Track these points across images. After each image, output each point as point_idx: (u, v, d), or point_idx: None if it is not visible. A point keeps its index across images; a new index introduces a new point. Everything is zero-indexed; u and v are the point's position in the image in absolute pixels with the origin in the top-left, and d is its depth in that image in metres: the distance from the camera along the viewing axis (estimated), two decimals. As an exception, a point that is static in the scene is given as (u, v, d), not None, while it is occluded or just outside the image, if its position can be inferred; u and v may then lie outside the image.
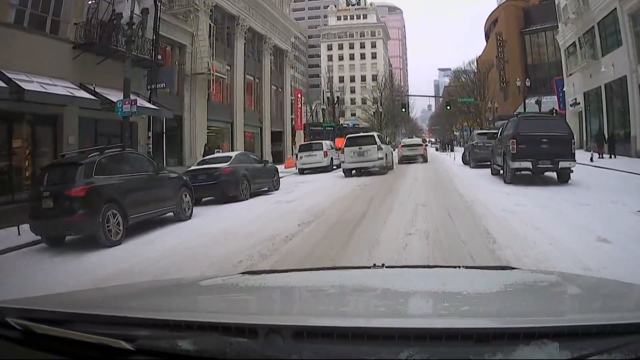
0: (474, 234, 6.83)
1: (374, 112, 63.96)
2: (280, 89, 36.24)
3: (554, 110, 39.38)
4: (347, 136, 21.34)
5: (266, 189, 16.09)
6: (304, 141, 42.47)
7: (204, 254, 6.92)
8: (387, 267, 2.13)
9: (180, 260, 6.73)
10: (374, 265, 2.13)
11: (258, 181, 15.33)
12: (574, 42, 35.11)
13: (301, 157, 24.02)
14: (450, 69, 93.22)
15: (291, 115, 38.57)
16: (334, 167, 25.95)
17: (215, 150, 20.99)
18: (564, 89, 37.86)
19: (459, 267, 2.16)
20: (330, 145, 25.59)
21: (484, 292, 1.59)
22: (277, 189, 16.47)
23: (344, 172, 20.04)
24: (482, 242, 6.25)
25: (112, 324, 1.20)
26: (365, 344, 1.03)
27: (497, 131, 19.93)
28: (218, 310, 1.56)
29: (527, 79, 38.55)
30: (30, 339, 1.17)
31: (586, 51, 32.41)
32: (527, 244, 5.99)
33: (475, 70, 60.41)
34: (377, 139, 19.82)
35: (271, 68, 34.81)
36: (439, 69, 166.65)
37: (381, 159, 19.24)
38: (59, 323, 1.19)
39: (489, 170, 17.06)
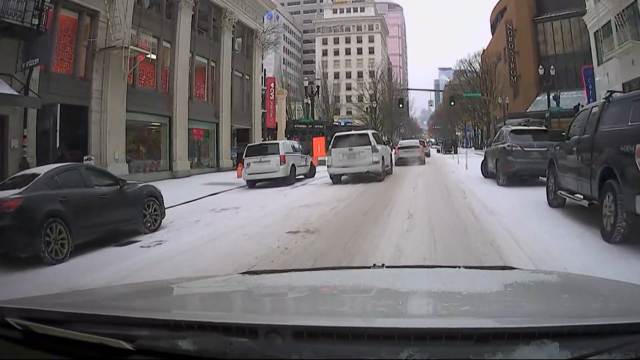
0: None
1: (367, 108, 55.41)
2: (247, 77, 28.20)
3: (580, 107, 31.47)
4: (335, 134, 16.95)
5: (134, 227, 8.36)
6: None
7: None
8: (387, 267, 2.07)
9: None
10: (374, 265, 2.02)
11: (98, 221, 7.50)
12: (609, 22, 27.82)
13: (249, 165, 16.21)
14: (451, 69, 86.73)
15: (263, 109, 30.69)
16: (301, 176, 18.23)
17: (85, 159, 13.25)
18: (595, 80, 29.78)
19: (459, 267, 2.07)
20: (293, 147, 17.66)
21: (484, 292, 1.55)
22: (156, 229, 8.66)
23: (330, 178, 15.69)
24: None
25: (112, 324, 1.14)
26: (365, 344, 0.99)
27: (539, 126, 12.29)
28: (218, 310, 1.49)
29: (552, 67, 30.53)
30: (30, 339, 1.12)
31: (627, 31, 25.20)
32: None
33: (482, 63, 52.40)
34: (372, 139, 15.57)
35: (234, 50, 26.90)
36: (440, 69, 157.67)
37: (376, 162, 15.11)
38: (59, 323, 1.13)
39: (535, 193, 9.35)
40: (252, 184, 16.52)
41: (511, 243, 5.74)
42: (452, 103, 40.56)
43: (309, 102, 33.74)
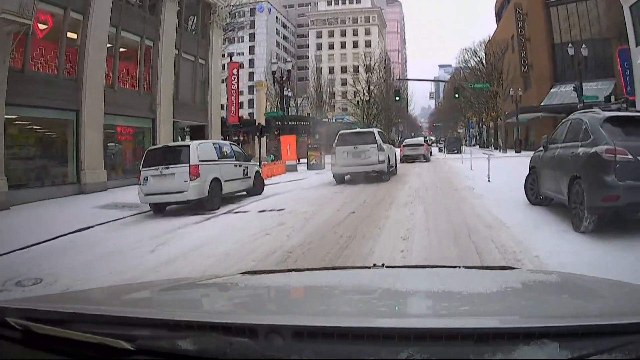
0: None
1: (357, 101, 48.81)
2: (202, 61, 22.02)
3: (612, 98, 25.32)
4: (339, 132, 15.63)
5: None
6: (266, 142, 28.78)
7: None
8: (387, 267, 2.03)
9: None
10: (374, 265, 1.99)
11: None
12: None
13: (147, 179, 10.15)
14: (451, 65, 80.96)
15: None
16: (242, 192, 12.25)
17: None
18: (636, 63, 23.57)
19: (459, 267, 2.03)
20: (220, 152, 11.35)
21: (484, 292, 1.49)
22: None
23: (334, 177, 14.86)
24: None
25: (112, 324, 1.11)
26: (365, 344, 0.97)
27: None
28: (218, 310, 1.48)
29: (583, 45, 24.26)
30: (30, 339, 1.10)
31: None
32: None
33: (488, 52, 46.17)
34: (377, 137, 14.72)
35: (182, 26, 20.82)
36: (439, 65, 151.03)
37: (382, 162, 14.25)
38: (59, 323, 1.11)
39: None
40: (158, 209, 10.45)
41: None
42: (457, 95, 34.47)
43: (281, 90, 27.86)
